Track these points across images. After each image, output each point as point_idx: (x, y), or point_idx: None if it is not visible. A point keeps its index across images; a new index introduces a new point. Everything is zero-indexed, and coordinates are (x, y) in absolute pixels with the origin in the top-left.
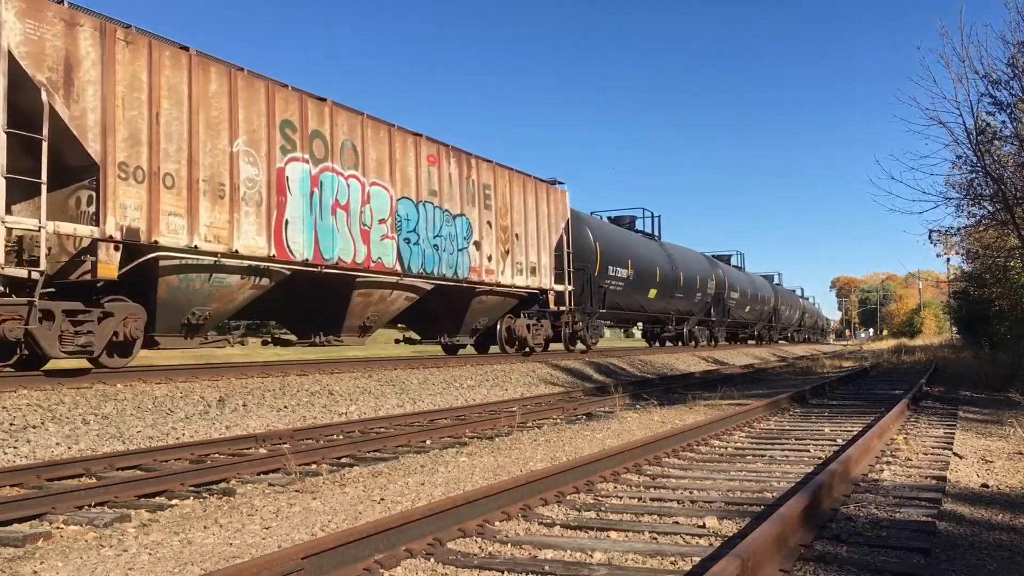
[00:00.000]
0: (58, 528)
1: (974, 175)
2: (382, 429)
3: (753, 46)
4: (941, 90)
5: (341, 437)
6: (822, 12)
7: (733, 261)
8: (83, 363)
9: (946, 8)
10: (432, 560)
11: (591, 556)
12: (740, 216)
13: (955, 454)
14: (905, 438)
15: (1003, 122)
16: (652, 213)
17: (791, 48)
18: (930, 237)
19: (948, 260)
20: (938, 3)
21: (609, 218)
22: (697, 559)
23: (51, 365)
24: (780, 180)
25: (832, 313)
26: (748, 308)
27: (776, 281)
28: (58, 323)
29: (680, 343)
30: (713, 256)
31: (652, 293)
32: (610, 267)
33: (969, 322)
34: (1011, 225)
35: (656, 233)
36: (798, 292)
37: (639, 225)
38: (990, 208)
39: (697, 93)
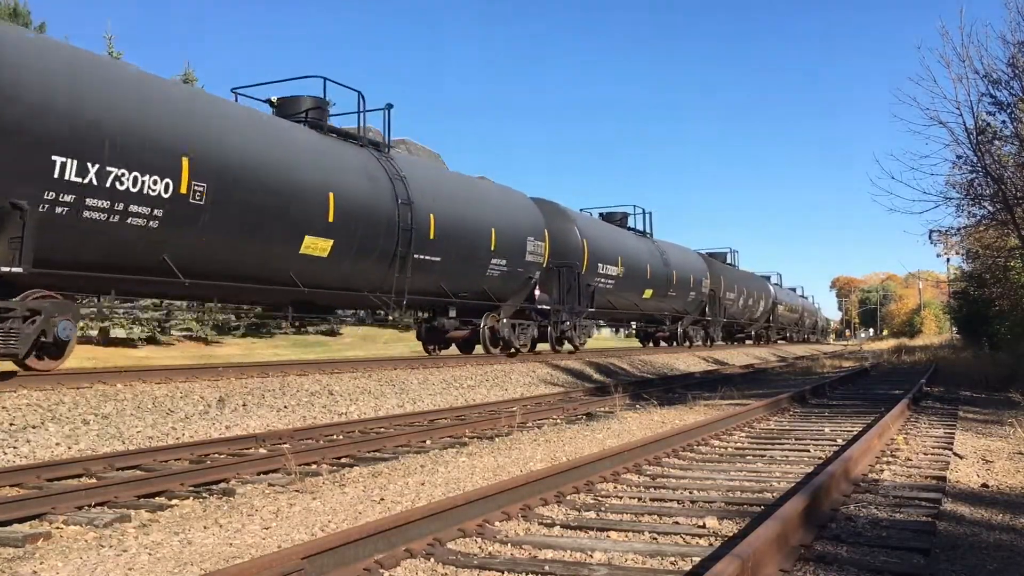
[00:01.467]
0: (58, 528)
1: (974, 175)
2: (382, 429)
3: (752, 46)
4: (941, 90)
5: (341, 437)
6: (822, 11)
7: (637, 224)
8: (86, 363)
9: (946, 8)
10: (432, 560)
11: (591, 556)
12: (739, 216)
13: (955, 454)
14: (905, 438)
15: (1003, 122)
16: None
17: (789, 47)
18: (930, 237)
19: (948, 260)
20: (938, 3)
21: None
22: (697, 559)
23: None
24: (779, 180)
25: (832, 313)
26: (649, 292)
27: (729, 260)
28: None
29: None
30: (604, 214)
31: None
32: None
33: (969, 322)
34: (1011, 225)
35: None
36: (775, 280)
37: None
38: (990, 208)
39: (695, 90)
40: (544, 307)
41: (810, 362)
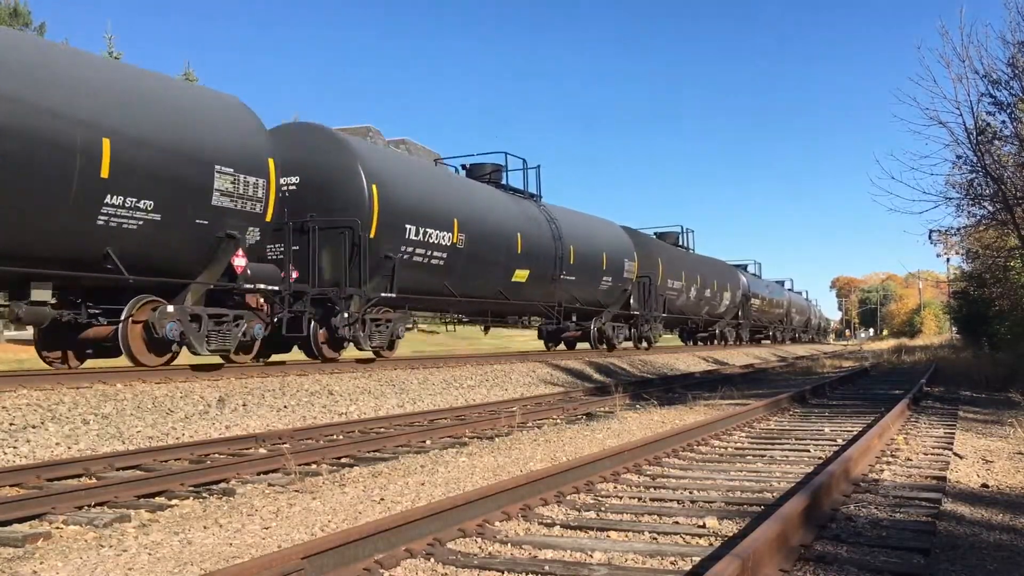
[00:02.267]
0: (58, 528)
1: (974, 175)
2: (382, 429)
3: (751, 45)
4: (941, 90)
5: (341, 437)
6: (822, 11)
7: (526, 184)
8: (86, 363)
9: (946, 8)
10: (432, 560)
11: (591, 556)
12: (740, 215)
13: (955, 454)
14: (905, 438)
15: (1003, 122)
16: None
17: (790, 46)
18: (930, 237)
19: (948, 260)
20: (938, 3)
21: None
22: (697, 559)
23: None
24: (779, 179)
25: (832, 313)
26: (523, 275)
27: (682, 242)
28: None
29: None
30: (469, 166)
31: None
32: None
33: (969, 322)
34: (1011, 225)
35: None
36: (753, 269)
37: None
38: (990, 208)
39: (695, 90)
40: (266, 287)
41: (810, 362)
